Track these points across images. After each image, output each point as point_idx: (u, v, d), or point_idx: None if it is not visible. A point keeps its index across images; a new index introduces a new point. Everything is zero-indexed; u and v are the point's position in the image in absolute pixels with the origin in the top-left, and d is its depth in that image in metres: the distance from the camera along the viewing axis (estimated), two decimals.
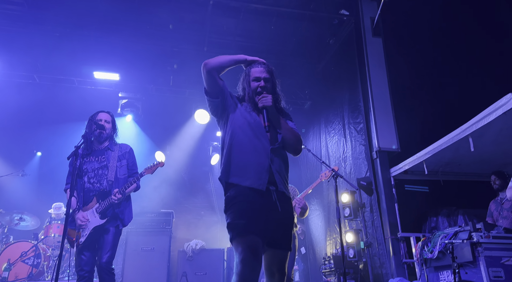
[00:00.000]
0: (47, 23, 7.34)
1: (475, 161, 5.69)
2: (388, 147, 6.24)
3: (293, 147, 2.51)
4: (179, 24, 7.91)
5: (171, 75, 8.54)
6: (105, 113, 4.05)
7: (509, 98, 4.05)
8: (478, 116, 4.54)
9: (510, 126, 4.50)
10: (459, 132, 4.82)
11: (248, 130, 2.41)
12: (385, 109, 6.45)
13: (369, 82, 6.57)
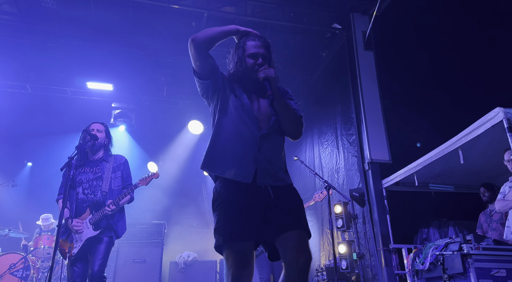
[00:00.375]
0: (40, 33, 7.35)
1: (465, 173, 5.78)
2: (380, 159, 6.31)
3: (291, 128, 2.18)
4: (173, 35, 7.97)
5: (165, 86, 8.58)
6: (97, 124, 4.06)
7: (497, 112, 4.15)
8: (467, 129, 4.63)
9: (498, 139, 4.59)
10: (449, 145, 4.91)
11: (235, 116, 2.13)
12: (377, 121, 6.54)
13: (361, 94, 6.67)
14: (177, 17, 7.51)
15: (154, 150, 9.21)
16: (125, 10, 7.25)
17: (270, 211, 1.98)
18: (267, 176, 2.02)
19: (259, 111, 2.17)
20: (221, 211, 1.98)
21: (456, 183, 6.27)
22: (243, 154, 2.04)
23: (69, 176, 3.38)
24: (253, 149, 2.03)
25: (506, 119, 4.02)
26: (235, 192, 2.00)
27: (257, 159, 2.02)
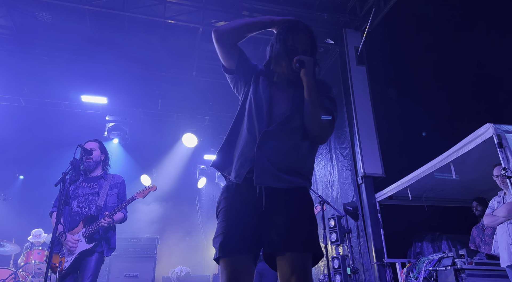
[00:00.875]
0: (35, 47, 7.37)
1: (457, 187, 5.84)
2: (373, 172, 6.35)
3: (314, 129, 1.83)
4: (168, 49, 8.04)
5: (160, 99, 8.61)
6: (90, 142, 4.05)
7: (487, 128, 4.23)
8: (459, 144, 4.70)
9: (489, 154, 4.66)
10: (441, 159, 4.98)
11: (249, 112, 1.90)
12: (370, 135, 6.60)
13: (354, 109, 6.75)
14: (172, 31, 7.59)
15: (148, 163, 9.17)
16: (120, 24, 7.32)
17: (266, 222, 1.72)
18: (265, 176, 1.74)
19: (279, 109, 1.87)
20: (220, 219, 1.80)
21: (448, 197, 6.33)
22: (242, 152, 1.82)
23: (62, 192, 3.36)
24: (253, 146, 1.79)
25: (496, 135, 4.10)
26: (236, 197, 1.79)
27: (255, 157, 1.77)
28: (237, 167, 1.80)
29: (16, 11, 6.85)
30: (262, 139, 1.78)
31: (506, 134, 4.12)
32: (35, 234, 6.62)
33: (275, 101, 1.89)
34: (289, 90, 1.93)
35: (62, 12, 6.83)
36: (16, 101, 7.84)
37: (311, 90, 1.82)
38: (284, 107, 1.87)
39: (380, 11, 6.64)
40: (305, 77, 1.83)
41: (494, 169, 4.30)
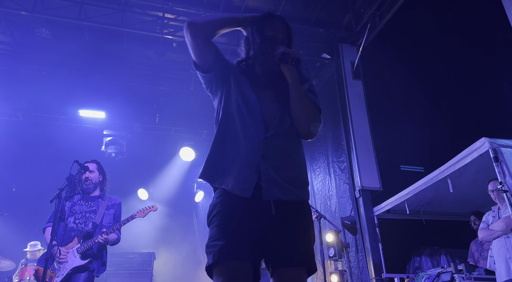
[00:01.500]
0: (34, 62, 7.43)
1: (455, 201, 5.83)
2: (370, 186, 6.34)
3: (305, 124, 1.76)
4: (166, 64, 8.11)
5: (157, 113, 8.64)
6: (89, 163, 4.06)
7: (483, 142, 4.25)
8: (455, 158, 4.71)
9: (486, 167, 4.67)
10: (438, 173, 4.98)
11: (238, 115, 1.77)
12: (367, 149, 6.61)
13: (351, 122, 6.77)
14: (170, 46, 7.66)
15: (145, 177, 9.15)
16: (119, 39, 7.40)
17: (271, 233, 1.63)
18: (274, 188, 1.64)
19: (268, 110, 1.77)
20: (216, 223, 1.64)
21: (446, 211, 6.31)
22: (243, 161, 1.68)
23: (58, 207, 3.35)
24: (255, 156, 1.67)
25: (492, 149, 4.12)
26: (234, 202, 1.65)
27: (261, 168, 1.65)
28: (241, 179, 1.65)
29: (15, 27, 6.92)
30: (264, 148, 1.67)
31: (501, 148, 4.13)
32: (31, 245, 6.57)
33: (262, 103, 1.79)
34: (271, 87, 1.84)
35: (61, 28, 6.90)
36: (14, 116, 7.85)
37: (297, 85, 1.74)
38: (271, 108, 1.78)
39: (375, 26, 6.73)
40: (289, 71, 1.74)
41: (489, 183, 4.30)
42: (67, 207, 3.80)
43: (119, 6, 6.64)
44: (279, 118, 1.75)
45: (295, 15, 6.96)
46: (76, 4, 6.47)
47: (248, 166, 1.67)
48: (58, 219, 3.49)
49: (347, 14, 6.96)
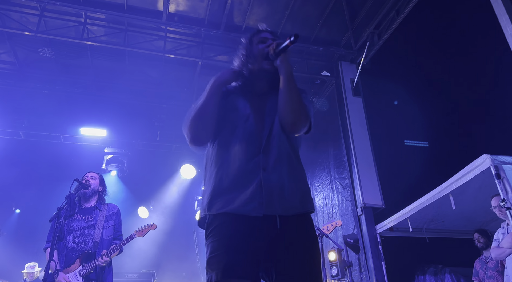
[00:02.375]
0: (36, 81, 7.51)
1: (458, 218, 5.77)
2: (372, 203, 6.29)
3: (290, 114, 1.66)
4: (167, 82, 8.19)
5: (158, 130, 8.66)
6: (91, 172, 4.05)
7: (484, 159, 4.23)
8: (457, 175, 4.68)
9: (489, 184, 4.63)
10: (440, 190, 4.94)
11: (235, 127, 1.69)
12: (368, 166, 6.59)
13: (352, 139, 6.77)
14: (172, 65, 7.76)
15: (146, 194, 9.10)
16: (121, 58, 7.49)
17: (274, 250, 1.55)
18: (275, 202, 1.56)
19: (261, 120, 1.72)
20: (216, 237, 1.54)
21: (449, 228, 6.24)
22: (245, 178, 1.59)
23: (57, 227, 3.31)
24: (256, 170, 1.59)
25: (494, 166, 4.10)
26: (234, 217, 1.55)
27: (263, 180, 1.57)
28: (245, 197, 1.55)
29: (19, 47, 7.03)
30: (264, 158, 1.61)
31: (503, 165, 4.11)
32: (28, 266, 6.48)
33: (256, 117, 1.73)
34: (265, 98, 1.79)
35: (64, 48, 7.00)
36: (15, 135, 7.88)
37: (288, 75, 1.68)
38: (265, 120, 1.73)
39: (374, 45, 6.82)
40: (282, 63, 1.70)
41: (493, 199, 4.26)
42: (65, 224, 3.75)
43: (122, 26, 6.75)
44: (270, 123, 1.70)
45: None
46: (80, 24, 6.59)
47: (249, 182, 1.58)
48: (57, 238, 3.45)
49: (346, 33, 7.05)
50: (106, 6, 6.25)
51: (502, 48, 4.42)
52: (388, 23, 6.51)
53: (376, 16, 6.63)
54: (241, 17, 6.67)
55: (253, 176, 1.58)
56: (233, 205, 1.55)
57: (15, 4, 6.22)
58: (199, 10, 6.54)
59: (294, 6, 6.48)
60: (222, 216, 1.57)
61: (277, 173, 1.61)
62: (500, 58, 5.27)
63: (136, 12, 6.37)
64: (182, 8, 6.49)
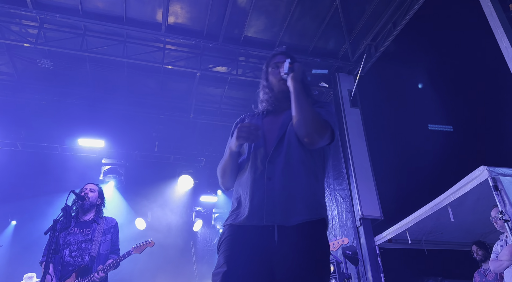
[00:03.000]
0: (35, 92, 7.52)
1: (456, 230, 5.75)
2: (371, 214, 6.26)
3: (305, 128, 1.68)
4: (166, 93, 8.22)
5: (157, 141, 8.65)
6: (91, 184, 4.02)
7: (482, 170, 4.23)
8: (455, 186, 4.68)
9: (487, 196, 4.63)
10: (438, 202, 4.93)
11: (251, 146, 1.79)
12: (367, 177, 6.58)
13: (350, 150, 6.78)
14: (171, 76, 7.80)
15: (143, 206, 9.03)
16: (120, 69, 7.52)
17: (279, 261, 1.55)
18: (276, 212, 1.59)
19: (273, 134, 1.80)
20: (221, 250, 1.61)
21: (448, 240, 6.20)
22: (252, 189, 1.66)
23: (52, 240, 3.27)
24: (261, 179, 1.65)
25: (491, 178, 4.09)
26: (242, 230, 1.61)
27: (266, 190, 1.62)
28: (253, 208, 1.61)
29: (18, 58, 7.05)
30: (269, 168, 1.67)
31: (500, 177, 4.11)
32: (27, 277, 6.39)
33: (268, 130, 1.82)
34: (282, 115, 1.87)
35: (63, 59, 7.03)
36: (12, 146, 7.85)
37: (297, 91, 1.74)
38: (277, 132, 1.80)
39: (371, 56, 6.87)
40: (292, 81, 1.78)
41: (493, 210, 4.25)
42: (61, 237, 3.71)
43: (121, 37, 6.80)
44: (281, 136, 1.75)
45: (293, 45, 7.11)
46: (79, 36, 6.63)
47: (257, 192, 1.63)
48: (52, 251, 3.41)
49: (343, 45, 7.11)
50: (106, 18, 6.29)
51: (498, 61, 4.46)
52: (385, 35, 6.57)
53: (373, 29, 6.70)
54: (239, 29, 6.73)
55: (259, 186, 1.65)
56: (242, 217, 1.63)
57: (15, 16, 6.26)
58: (198, 22, 6.60)
59: (292, 18, 6.54)
60: (230, 229, 1.65)
61: (282, 182, 1.64)
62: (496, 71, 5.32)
63: (135, 24, 6.42)
64: (181, 20, 6.54)
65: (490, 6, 4.10)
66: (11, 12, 6.04)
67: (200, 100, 8.39)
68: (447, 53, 6.85)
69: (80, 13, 6.17)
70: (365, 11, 6.49)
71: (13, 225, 8.29)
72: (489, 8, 4.11)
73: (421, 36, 6.91)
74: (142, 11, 6.32)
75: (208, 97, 8.45)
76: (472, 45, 6.24)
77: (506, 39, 4.00)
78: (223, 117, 8.57)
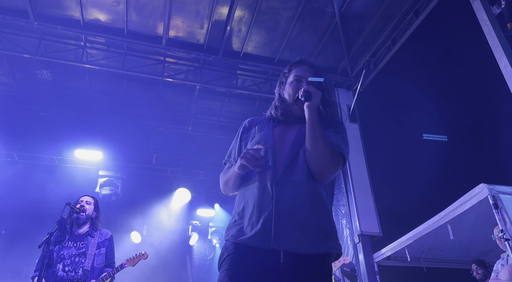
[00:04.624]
0: (33, 103, 7.50)
1: (456, 248, 5.70)
2: (370, 231, 6.19)
3: (316, 164, 1.63)
4: (165, 105, 8.21)
5: (154, 153, 8.61)
6: (87, 196, 3.98)
7: (482, 188, 4.21)
8: (454, 204, 4.65)
9: (486, 214, 4.60)
10: (438, 219, 4.89)
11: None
12: (365, 193, 6.53)
13: (348, 165, 6.75)
14: (170, 88, 7.80)
15: (139, 219, 8.93)
16: (119, 81, 7.53)
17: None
18: (283, 236, 1.53)
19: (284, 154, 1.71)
20: (224, 268, 1.57)
21: (447, 258, 6.14)
22: (258, 208, 1.60)
23: (46, 253, 3.21)
24: (268, 200, 1.59)
25: (491, 196, 4.07)
26: (248, 250, 1.56)
27: (274, 212, 1.56)
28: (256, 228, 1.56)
29: (17, 69, 7.05)
30: (277, 189, 1.60)
31: (500, 195, 4.09)
32: None
33: (278, 147, 1.75)
34: (294, 129, 1.80)
35: (63, 70, 7.02)
36: (9, 157, 7.79)
37: (312, 123, 1.66)
38: (288, 150, 1.72)
39: (370, 72, 6.91)
40: (307, 109, 1.70)
41: (495, 228, 4.21)
42: (55, 251, 3.64)
43: (121, 50, 6.82)
44: (290, 160, 1.67)
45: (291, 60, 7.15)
46: (79, 47, 6.65)
47: (262, 213, 1.59)
48: (46, 265, 3.34)
49: (342, 61, 7.16)
50: (107, 31, 6.33)
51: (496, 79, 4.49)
52: (384, 52, 6.63)
53: (372, 45, 6.76)
54: (240, 43, 6.78)
55: (265, 207, 1.59)
56: (245, 236, 1.58)
57: (16, 27, 6.28)
58: (198, 36, 6.64)
59: (292, 33, 6.60)
60: (233, 247, 1.60)
61: (291, 206, 1.58)
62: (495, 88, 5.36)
63: (136, 36, 6.45)
64: (182, 34, 6.59)
65: (489, 25, 4.15)
66: (12, 23, 6.06)
67: (199, 113, 8.39)
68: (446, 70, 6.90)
69: (81, 25, 6.20)
70: (365, 27, 6.56)
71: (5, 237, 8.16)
72: (488, 27, 4.16)
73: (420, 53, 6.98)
74: (143, 24, 6.36)
75: (207, 110, 8.45)
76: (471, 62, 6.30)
77: (505, 58, 4.03)
78: (222, 130, 8.56)
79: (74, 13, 6.08)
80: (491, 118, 6.44)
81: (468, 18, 4.79)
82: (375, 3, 6.14)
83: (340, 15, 6.25)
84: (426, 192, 6.64)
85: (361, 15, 6.35)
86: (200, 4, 6.08)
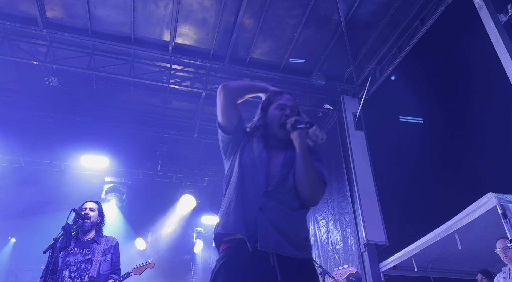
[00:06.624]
0: (41, 109, 7.57)
1: (463, 258, 5.61)
2: (376, 240, 6.13)
3: (308, 191, 1.78)
4: (171, 112, 8.25)
5: (160, 160, 8.63)
6: (91, 202, 3.98)
7: (490, 197, 4.15)
8: (462, 213, 4.59)
9: (495, 223, 4.53)
10: (445, 228, 4.83)
11: (245, 173, 1.84)
12: (371, 201, 6.48)
13: (354, 173, 6.71)
14: (176, 95, 7.84)
15: (144, 225, 8.93)
16: (126, 88, 7.59)
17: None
18: (270, 240, 1.64)
19: (275, 169, 1.85)
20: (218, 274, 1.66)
21: (455, 268, 6.05)
22: (245, 214, 1.72)
23: (51, 259, 3.20)
24: (253, 208, 1.71)
25: (500, 205, 4.01)
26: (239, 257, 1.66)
27: (258, 219, 1.68)
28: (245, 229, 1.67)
29: (26, 76, 7.13)
30: (263, 200, 1.72)
31: (509, 204, 4.03)
32: None
33: (271, 161, 1.87)
34: (282, 152, 1.92)
35: (70, 77, 7.11)
36: (16, 162, 7.85)
37: (304, 152, 1.80)
38: (278, 167, 1.85)
39: (376, 80, 6.90)
40: (298, 138, 1.82)
41: (497, 242, 4.15)
42: (61, 257, 3.64)
43: (128, 57, 6.88)
44: (281, 175, 1.80)
45: (298, 68, 7.17)
46: (87, 55, 6.72)
47: (248, 218, 1.69)
48: (50, 271, 3.34)
49: (348, 68, 7.16)
50: (114, 38, 6.39)
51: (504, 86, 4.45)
52: (390, 60, 6.62)
53: (378, 53, 6.76)
54: (246, 51, 6.81)
55: (250, 211, 1.71)
56: (233, 236, 1.70)
57: (26, 35, 6.38)
58: (205, 44, 6.68)
59: (298, 41, 6.62)
60: (227, 251, 1.71)
61: (274, 215, 1.70)
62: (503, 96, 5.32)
63: (143, 44, 6.52)
64: (188, 41, 6.63)
65: (496, 33, 4.13)
66: (22, 31, 6.15)
67: (205, 119, 8.41)
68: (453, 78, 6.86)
69: (89, 33, 6.27)
70: (370, 35, 6.57)
71: (12, 243, 8.20)
72: (495, 35, 4.14)
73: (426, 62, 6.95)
74: (150, 32, 6.42)
75: (213, 117, 8.42)
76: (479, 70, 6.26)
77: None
78: None
79: (82, 21, 6.16)
80: (498, 127, 6.37)
81: (475, 26, 4.77)
82: (381, 11, 6.15)
83: (346, 23, 6.26)
84: (433, 200, 6.56)
85: (366, 23, 6.36)
86: (207, 12, 6.13)
